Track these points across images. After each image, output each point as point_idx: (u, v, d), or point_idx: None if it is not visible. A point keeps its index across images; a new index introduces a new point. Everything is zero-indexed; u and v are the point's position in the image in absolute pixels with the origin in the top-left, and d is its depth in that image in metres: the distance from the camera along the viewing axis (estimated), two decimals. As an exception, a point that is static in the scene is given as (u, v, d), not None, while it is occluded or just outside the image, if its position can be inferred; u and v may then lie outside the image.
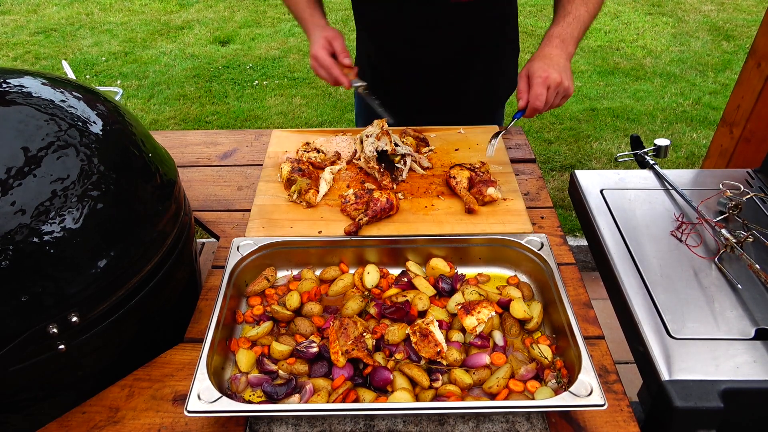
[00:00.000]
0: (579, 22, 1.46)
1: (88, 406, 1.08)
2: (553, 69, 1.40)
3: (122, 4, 6.62)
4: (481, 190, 1.48)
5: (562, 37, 1.45)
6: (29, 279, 0.91)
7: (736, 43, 5.43)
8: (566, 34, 1.45)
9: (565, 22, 1.46)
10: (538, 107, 1.41)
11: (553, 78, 1.39)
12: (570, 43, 1.45)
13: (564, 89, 1.42)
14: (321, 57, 1.54)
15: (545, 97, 1.40)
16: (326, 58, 1.54)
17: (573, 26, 1.46)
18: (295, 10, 1.69)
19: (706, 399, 1.04)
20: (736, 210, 1.45)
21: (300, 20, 1.67)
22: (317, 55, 1.54)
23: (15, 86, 1.06)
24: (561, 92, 1.42)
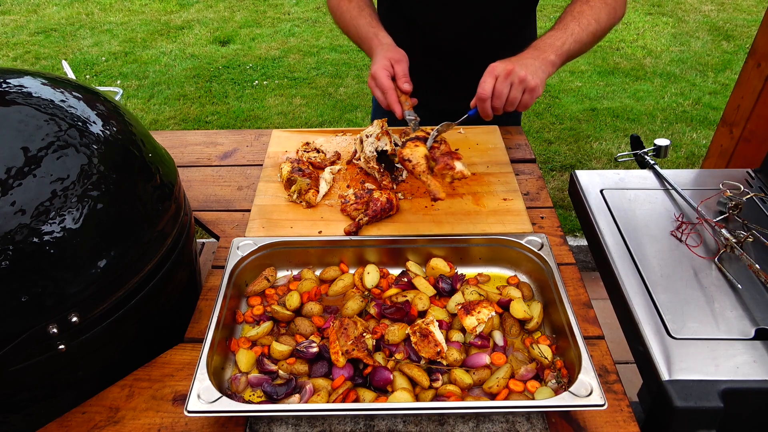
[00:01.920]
0: (565, 34, 1.39)
1: (88, 406, 1.08)
2: (519, 66, 1.31)
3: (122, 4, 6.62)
4: (449, 164, 1.24)
5: (538, 46, 1.38)
6: (29, 279, 0.91)
7: (736, 43, 5.43)
8: (545, 44, 1.38)
9: (546, 35, 1.41)
10: (481, 95, 1.30)
11: (514, 72, 1.29)
12: (548, 51, 1.36)
13: (527, 86, 1.30)
14: (380, 78, 1.44)
15: (492, 86, 1.29)
16: (385, 81, 1.44)
17: (555, 37, 1.38)
18: (355, 29, 1.59)
19: (706, 399, 1.04)
20: (736, 210, 1.45)
21: (362, 39, 1.57)
22: (377, 74, 1.45)
23: (15, 86, 1.06)
24: (521, 87, 1.30)
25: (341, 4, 1.64)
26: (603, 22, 1.44)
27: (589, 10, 1.44)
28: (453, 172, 1.21)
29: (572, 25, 1.40)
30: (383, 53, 1.48)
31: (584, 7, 1.44)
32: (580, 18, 1.42)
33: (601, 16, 1.44)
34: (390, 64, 1.46)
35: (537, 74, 1.30)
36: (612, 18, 1.47)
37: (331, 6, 1.67)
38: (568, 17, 1.43)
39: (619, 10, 1.49)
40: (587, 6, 1.45)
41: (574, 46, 1.38)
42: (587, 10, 1.43)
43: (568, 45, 1.37)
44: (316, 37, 5.75)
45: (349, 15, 1.60)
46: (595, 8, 1.44)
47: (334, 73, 5.03)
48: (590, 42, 1.42)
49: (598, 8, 1.44)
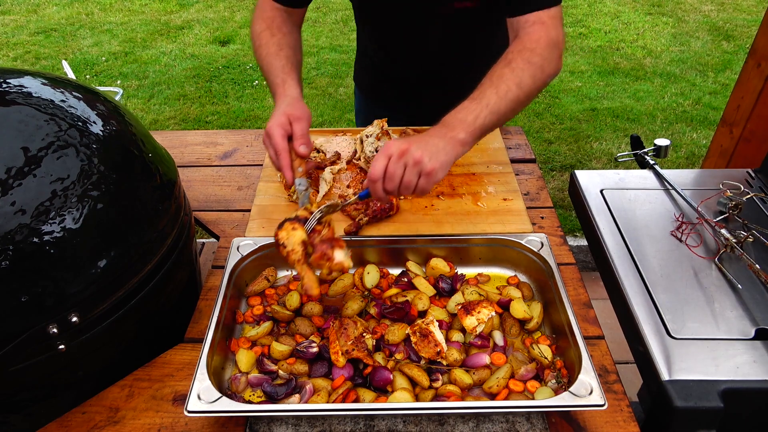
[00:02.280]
0: (480, 106, 1.23)
1: (88, 406, 1.08)
2: (416, 146, 1.15)
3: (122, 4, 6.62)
4: (326, 254, 1.08)
5: (448, 122, 1.23)
6: (29, 279, 0.91)
7: (736, 43, 5.43)
8: (456, 119, 1.22)
9: (461, 106, 1.25)
10: (371, 176, 1.15)
11: (409, 152, 1.14)
12: (457, 128, 1.20)
13: (422, 169, 1.14)
14: (274, 137, 1.28)
15: (384, 166, 1.14)
16: (280, 141, 1.27)
17: (468, 110, 1.22)
18: (267, 68, 1.44)
19: (706, 399, 1.04)
20: (736, 210, 1.45)
21: (270, 82, 1.42)
22: (271, 132, 1.28)
23: (15, 86, 1.06)
24: (416, 169, 1.14)
25: (263, 35, 1.48)
26: (526, 86, 1.28)
27: (510, 74, 1.27)
28: (331, 264, 1.07)
29: (489, 93, 1.25)
30: (283, 108, 1.32)
31: (505, 71, 1.28)
32: (498, 84, 1.26)
33: (524, 79, 1.27)
34: (288, 122, 1.30)
35: (437, 156, 1.15)
36: (538, 79, 1.30)
37: (253, 33, 1.51)
38: (486, 83, 1.28)
39: (547, 68, 1.32)
40: (508, 69, 1.29)
41: (489, 118, 1.23)
42: (507, 74, 1.27)
43: (482, 119, 1.22)
44: (316, 37, 5.75)
45: (266, 51, 1.45)
46: (516, 71, 1.28)
47: (334, 73, 5.03)
48: (512, 109, 1.27)
49: (520, 70, 1.28)
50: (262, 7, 1.54)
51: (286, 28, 1.50)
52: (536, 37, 1.33)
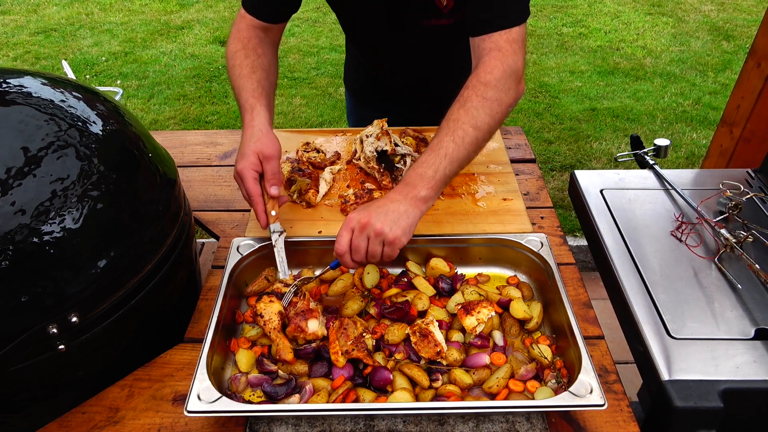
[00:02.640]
0: (438, 158, 1.21)
1: (88, 406, 1.08)
2: (375, 217, 1.15)
3: (122, 4, 6.62)
4: (299, 326, 1.12)
5: (409, 180, 1.21)
6: (29, 279, 0.91)
7: (736, 43, 5.43)
8: (416, 176, 1.20)
9: (420, 160, 1.23)
10: (337, 251, 1.18)
11: (370, 225, 1.15)
12: (418, 186, 1.19)
13: (384, 239, 1.15)
14: (246, 181, 1.27)
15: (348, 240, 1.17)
16: (252, 185, 1.27)
17: (427, 164, 1.21)
18: (238, 91, 1.41)
19: (706, 399, 1.05)
20: (736, 210, 1.45)
21: (240, 107, 1.39)
22: (243, 175, 1.27)
23: (15, 86, 1.06)
24: (378, 240, 1.16)
25: (237, 56, 1.44)
26: (484, 125, 1.24)
27: (465, 116, 1.24)
28: (305, 335, 1.12)
29: (446, 141, 1.22)
30: (252, 145, 1.29)
31: (460, 113, 1.25)
32: (455, 130, 1.23)
33: (480, 119, 1.24)
34: (258, 161, 1.28)
35: (398, 224, 1.15)
36: (496, 113, 1.26)
37: (228, 53, 1.47)
38: (443, 131, 1.25)
39: (505, 98, 1.27)
40: (463, 110, 1.25)
41: (450, 167, 1.21)
42: (463, 117, 1.24)
43: (441, 171, 1.20)
44: (316, 37, 5.75)
45: (239, 72, 1.42)
46: (471, 110, 1.24)
47: (334, 73, 5.03)
48: (472, 152, 1.26)
49: (475, 109, 1.24)
50: (239, 26, 1.49)
51: (261, 50, 1.46)
52: (491, 68, 1.28)
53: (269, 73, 1.46)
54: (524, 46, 1.33)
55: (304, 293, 1.21)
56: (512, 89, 1.29)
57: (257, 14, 1.48)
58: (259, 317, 1.15)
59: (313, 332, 1.13)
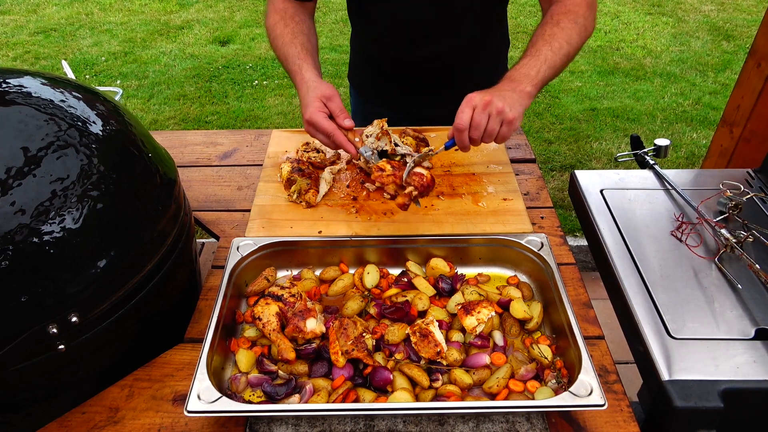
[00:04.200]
0: (539, 62, 1.34)
1: (88, 406, 1.08)
2: (497, 97, 1.25)
3: (122, 4, 6.62)
4: (298, 327, 1.13)
5: (513, 77, 1.33)
6: (29, 279, 0.91)
7: (736, 43, 5.43)
8: (519, 75, 1.33)
9: (520, 63, 1.36)
10: (459, 126, 1.25)
11: (492, 103, 1.24)
12: (524, 82, 1.32)
13: (505, 117, 1.25)
14: (320, 122, 1.33)
15: (470, 116, 1.25)
16: (326, 123, 1.33)
17: (529, 66, 1.34)
18: (284, 57, 1.49)
19: (706, 399, 1.04)
20: (736, 210, 1.45)
21: (289, 70, 1.48)
22: (314, 119, 1.33)
23: (15, 86, 1.06)
24: (499, 118, 1.25)
25: (276, 27, 1.54)
26: (575, 43, 1.41)
27: (561, 32, 1.39)
28: (304, 335, 1.13)
29: (545, 50, 1.36)
30: (312, 94, 1.36)
31: (555, 30, 1.40)
32: (551, 41, 1.37)
33: (573, 36, 1.40)
34: (323, 104, 1.35)
35: (515, 107, 1.26)
36: (583, 37, 1.44)
37: (268, 26, 1.57)
38: (539, 42, 1.38)
39: (589, 27, 1.46)
40: (558, 28, 1.40)
41: (548, 72, 1.35)
42: (558, 33, 1.39)
43: (542, 73, 1.34)
44: (316, 37, 5.75)
45: (281, 41, 1.51)
46: (566, 29, 1.40)
47: (334, 73, 5.03)
48: (563, 65, 1.40)
49: (569, 29, 1.40)
50: (274, 2, 1.58)
51: (298, 17, 1.55)
52: (577, 1, 1.45)
53: (309, 36, 1.54)
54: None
55: (300, 294, 1.22)
56: (593, 21, 1.48)
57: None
58: (258, 320, 1.16)
59: (311, 331, 1.13)
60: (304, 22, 1.56)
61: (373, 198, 1.55)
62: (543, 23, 1.44)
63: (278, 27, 1.52)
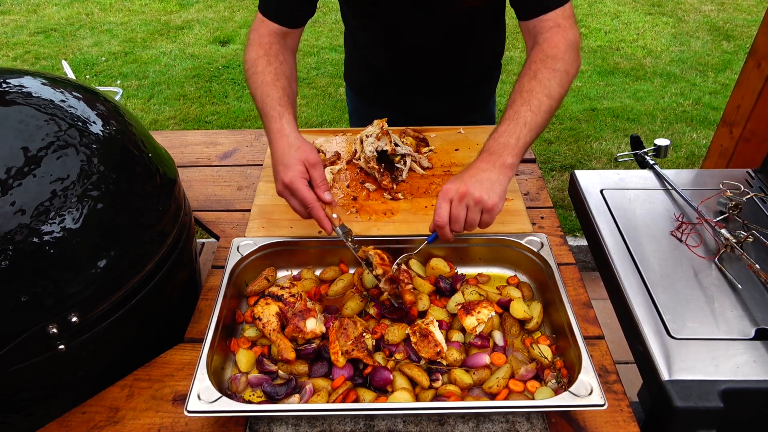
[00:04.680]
0: (518, 127, 1.24)
1: (88, 406, 1.08)
2: (473, 186, 1.18)
3: (122, 4, 6.62)
4: (298, 326, 1.13)
5: (492, 149, 1.24)
6: (29, 279, 0.91)
7: (736, 43, 5.43)
8: (498, 145, 1.24)
9: (499, 131, 1.26)
10: (438, 223, 1.20)
11: (468, 194, 1.17)
12: (504, 154, 1.23)
13: (484, 207, 1.18)
14: (300, 189, 1.23)
15: (448, 211, 1.19)
16: (307, 193, 1.23)
17: (508, 134, 1.24)
18: (262, 98, 1.38)
19: (706, 399, 1.04)
20: (736, 210, 1.45)
21: (264, 115, 1.36)
22: (295, 186, 1.23)
23: (15, 86, 1.06)
24: (477, 208, 1.19)
25: (258, 62, 1.42)
26: (556, 95, 1.30)
27: (538, 86, 1.29)
28: (304, 334, 1.13)
29: (523, 111, 1.26)
30: (295, 155, 1.26)
31: (533, 84, 1.29)
32: (530, 100, 1.27)
33: (552, 88, 1.29)
34: (305, 170, 1.26)
35: (494, 191, 1.19)
36: (565, 84, 1.33)
37: (248, 59, 1.46)
38: (518, 101, 1.28)
39: (571, 70, 1.34)
40: (536, 81, 1.29)
41: (529, 135, 1.26)
42: (536, 87, 1.29)
43: (523, 139, 1.24)
44: (316, 37, 5.75)
45: (261, 78, 1.40)
46: (544, 82, 1.29)
47: (334, 73, 5.03)
48: (546, 121, 1.30)
49: (548, 80, 1.29)
50: (259, 32, 1.48)
51: (282, 56, 1.45)
52: (555, 42, 1.34)
53: (291, 81, 1.44)
54: (575, 18, 1.41)
55: (300, 295, 1.22)
56: (576, 60, 1.37)
57: (277, 19, 1.47)
58: (258, 320, 1.16)
59: (311, 331, 1.13)
60: (287, 62, 1.46)
61: (373, 198, 1.55)
62: (522, 74, 1.34)
63: (260, 63, 1.42)
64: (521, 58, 5.32)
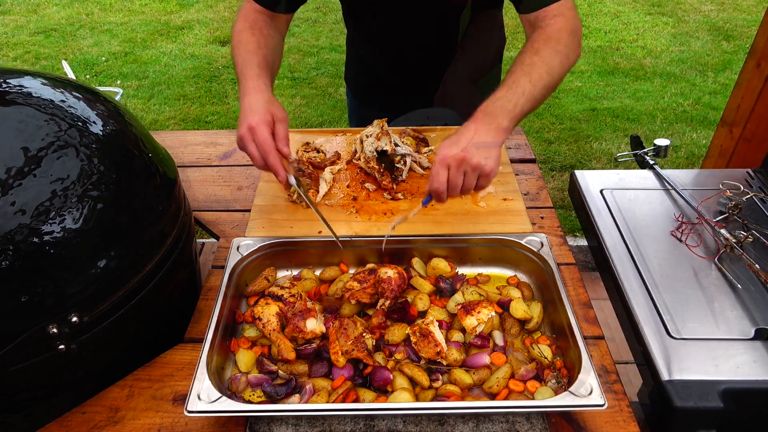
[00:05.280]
0: (517, 94, 1.25)
1: (88, 406, 1.08)
2: (471, 152, 1.18)
3: (122, 4, 6.62)
4: (298, 327, 1.13)
5: (487, 110, 1.24)
6: (29, 279, 0.91)
7: (736, 43, 5.43)
8: (497, 108, 1.24)
9: (497, 95, 1.26)
10: (436, 189, 1.21)
11: (466, 161, 1.17)
12: (500, 116, 1.23)
13: (482, 172, 1.19)
14: (260, 134, 1.24)
15: (446, 177, 1.19)
16: (268, 138, 1.24)
17: (506, 99, 1.24)
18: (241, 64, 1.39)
19: (705, 399, 1.05)
20: (735, 210, 1.45)
21: (241, 76, 1.37)
22: (257, 129, 1.24)
23: (15, 86, 1.06)
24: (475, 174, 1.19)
25: (242, 33, 1.44)
26: (556, 74, 1.32)
27: (540, 62, 1.30)
28: (304, 334, 1.13)
29: (523, 81, 1.27)
30: (265, 105, 1.28)
31: (534, 59, 1.31)
32: (531, 72, 1.28)
33: (553, 66, 1.31)
34: (272, 120, 1.27)
35: (491, 156, 1.19)
36: (565, 66, 1.35)
37: (234, 32, 1.47)
38: (518, 72, 1.29)
39: (571, 55, 1.36)
40: (537, 57, 1.31)
41: (527, 105, 1.26)
42: (537, 62, 1.30)
43: (520, 106, 1.25)
44: (316, 37, 5.75)
45: (245, 47, 1.41)
46: (546, 59, 1.30)
47: (334, 73, 5.03)
48: (543, 97, 1.31)
49: (550, 58, 1.31)
50: (245, 10, 1.51)
51: (267, 31, 1.47)
52: (558, 28, 1.36)
53: (274, 54, 1.46)
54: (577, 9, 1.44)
55: (300, 294, 1.22)
56: (577, 48, 1.39)
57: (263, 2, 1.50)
58: (258, 320, 1.16)
59: (311, 331, 1.14)
60: (272, 37, 1.48)
61: (373, 198, 1.55)
62: (523, 51, 1.35)
63: (244, 34, 1.44)
64: (521, 58, 5.33)
